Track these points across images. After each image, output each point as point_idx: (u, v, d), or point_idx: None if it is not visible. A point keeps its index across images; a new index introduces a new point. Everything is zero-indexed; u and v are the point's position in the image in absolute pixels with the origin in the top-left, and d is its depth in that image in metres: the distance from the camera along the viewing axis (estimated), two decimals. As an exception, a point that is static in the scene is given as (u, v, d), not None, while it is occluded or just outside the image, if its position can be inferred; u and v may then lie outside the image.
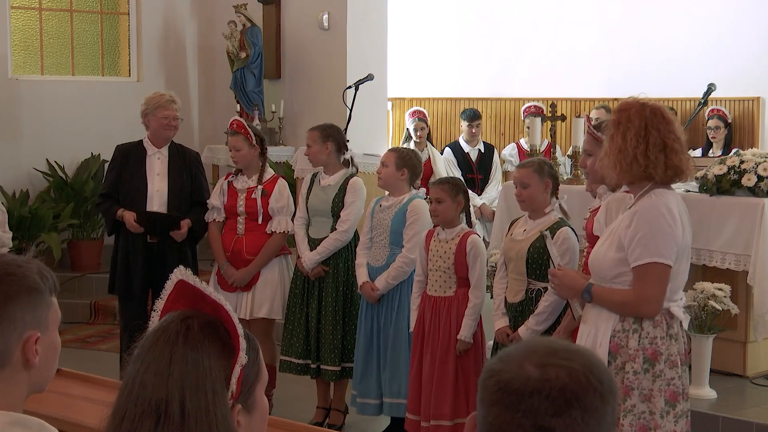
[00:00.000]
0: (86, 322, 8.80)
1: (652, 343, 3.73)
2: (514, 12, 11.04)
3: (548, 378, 1.52)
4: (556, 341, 1.61)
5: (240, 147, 6.13)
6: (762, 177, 6.06)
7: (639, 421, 3.72)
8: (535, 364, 1.54)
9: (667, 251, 3.68)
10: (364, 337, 5.81)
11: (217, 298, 1.80)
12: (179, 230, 6.30)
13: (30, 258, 2.05)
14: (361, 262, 5.86)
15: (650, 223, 3.68)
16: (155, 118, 6.39)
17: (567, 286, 3.97)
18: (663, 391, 3.74)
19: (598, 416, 1.53)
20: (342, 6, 9.20)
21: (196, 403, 1.71)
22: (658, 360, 3.73)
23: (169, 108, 6.41)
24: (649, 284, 3.69)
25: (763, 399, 5.95)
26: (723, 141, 9.12)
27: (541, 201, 5.02)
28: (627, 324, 3.75)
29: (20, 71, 9.77)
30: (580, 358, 1.56)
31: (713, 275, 6.05)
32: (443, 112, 11.32)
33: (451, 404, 5.27)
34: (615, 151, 3.71)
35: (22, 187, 9.45)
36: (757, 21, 9.55)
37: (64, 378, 4.23)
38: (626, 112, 3.74)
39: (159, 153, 6.44)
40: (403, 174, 5.76)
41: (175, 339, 1.75)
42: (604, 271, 3.79)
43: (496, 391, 1.54)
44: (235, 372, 1.76)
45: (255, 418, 1.82)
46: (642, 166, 3.68)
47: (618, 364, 3.75)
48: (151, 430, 1.70)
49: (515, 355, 1.57)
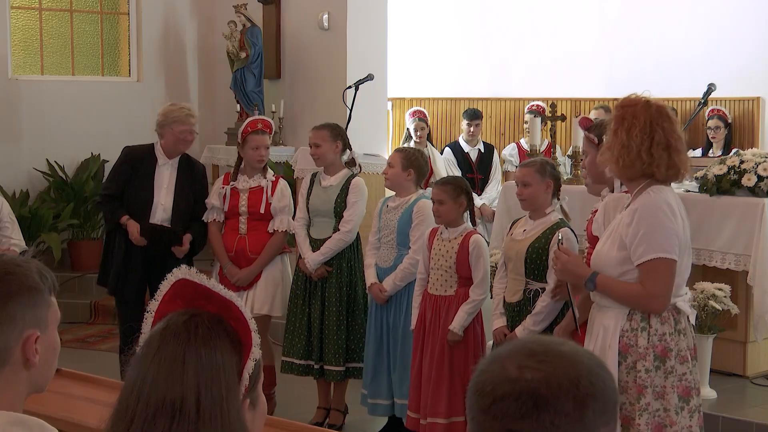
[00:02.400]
0: (86, 322, 8.81)
1: (661, 339, 3.72)
2: (514, 12, 11.04)
3: (520, 380, 1.48)
4: (550, 342, 1.56)
5: (269, 146, 6.21)
6: (762, 177, 6.06)
7: (654, 419, 3.70)
8: (516, 366, 1.50)
9: (671, 246, 3.68)
10: (374, 337, 5.81)
11: (227, 295, 1.81)
12: (181, 246, 6.26)
13: (29, 258, 2.06)
14: (370, 263, 5.86)
15: (651, 220, 3.68)
16: (172, 131, 6.27)
17: (570, 270, 3.92)
18: (675, 387, 3.73)
19: (571, 421, 1.47)
20: (342, 6, 9.20)
21: (211, 400, 1.72)
22: (669, 356, 3.72)
23: (187, 123, 6.32)
24: (656, 280, 3.68)
25: (763, 399, 5.96)
26: (723, 141, 9.12)
27: (542, 201, 5.02)
28: (635, 322, 3.74)
29: (20, 71, 9.77)
30: (564, 360, 1.50)
31: (713, 275, 6.05)
32: (443, 112, 11.32)
33: (447, 402, 5.27)
34: (618, 146, 3.70)
35: (22, 187, 9.46)
36: (757, 21, 9.55)
37: (64, 378, 4.23)
38: (631, 108, 3.73)
39: (169, 164, 6.35)
40: (409, 174, 5.77)
41: (186, 337, 1.76)
42: (606, 270, 3.78)
43: (474, 394, 1.52)
44: (248, 367, 1.78)
45: (258, 414, 1.85)
46: (645, 163, 3.68)
47: (629, 363, 3.74)
48: (166, 429, 1.70)
49: (500, 356, 1.54)
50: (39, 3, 9.89)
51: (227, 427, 1.73)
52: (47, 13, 9.96)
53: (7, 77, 9.51)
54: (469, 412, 1.54)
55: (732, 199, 6.14)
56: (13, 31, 9.69)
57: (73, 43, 10.08)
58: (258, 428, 1.84)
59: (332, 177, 6.10)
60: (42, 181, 9.61)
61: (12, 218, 6.07)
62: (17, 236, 6.03)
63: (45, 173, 9.58)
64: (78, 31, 10.12)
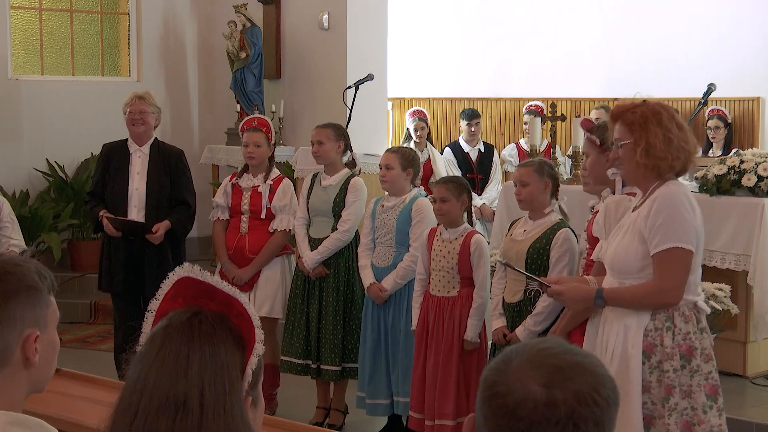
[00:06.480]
0: (86, 322, 8.81)
1: (685, 338, 3.70)
2: (514, 12, 11.03)
3: (555, 403, 1.52)
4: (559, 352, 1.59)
5: (260, 143, 6.18)
6: (762, 177, 6.06)
7: (683, 418, 3.68)
8: (541, 384, 1.53)
9: (688, 237, 3.64)
10: (372, 338, 5.80)
11: (231, 291, 1.82)
12: (154, 234, 6.30)
13: (28, 257, 2.06)
14: (365, 264, 5.86)
15: (670, 209, 3.65)
16: (125, 115, 6.46)
17: (575, 299, 3.90)
18: (702, 386, 3.70)
19: (603, 427, 1.54)
20: (342, 6, 9.20)
21: (215, 396, 1.73)
22: (694, 355, 3.70)
23: (134, 103, 6.43)
24: (671, 271, 3.64)
25: (763, 399, 5.96)
26: (723, 141, 9.11)
27: (541, 201, 5.02)
28: (659, 322, 3.71)
29: (20, 71, 9.77)
30: (586, 376, 1.55)
31: (713, 275, 6.05)
32: (443, 112, 11.32)
33: (454, 404, 5.28)
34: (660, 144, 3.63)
35: (22, 187, 9.46)
36: (756, 21, 9.54)
37: (64, 378, 4.23)
38: (641, 107, 3.71)
39: (140, 151, 6.45)
40: (408, 174, 5.78)
41: (190, 334, 1.76)
42: (628, 265, 3.73)
43: (503, 415, 1.54)
44: (251, 363, 1.79)
45: (258, 412, 1.86)
46: (687, 152, 3.67)
47: (653, 363, 3.71)
48: (169, 424, 1.71)
49: (518, 371, 1.56)
50: (39, 3, 9.89)
51: (230, 424, 1.73)
52: (47, 13, 9.96)
53: (7, 77, 9.51)
54: (486, 422, 1.56)
55: (732, 199, 6.15)
56: (13, 31, 9.69)
57: (73, 43, 10.08)
58: (258, 428, 1.84)
59: (332, 177, 6.11)
60: (42, 181, 9.62)
61: (12, 218, 6.08)
62: (17, 236, 6.04)
63: (45, 173, 9.58)
64: (78, 31, 10.12)
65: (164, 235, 6.31)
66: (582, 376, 1.55)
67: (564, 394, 1.52)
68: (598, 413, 1.53)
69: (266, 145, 6.20)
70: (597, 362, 1.60)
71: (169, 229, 6.33)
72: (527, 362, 1.57)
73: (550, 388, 1.53)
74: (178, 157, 6.55)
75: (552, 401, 1.52)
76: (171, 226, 6.33)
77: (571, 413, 1.52)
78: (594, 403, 1.53)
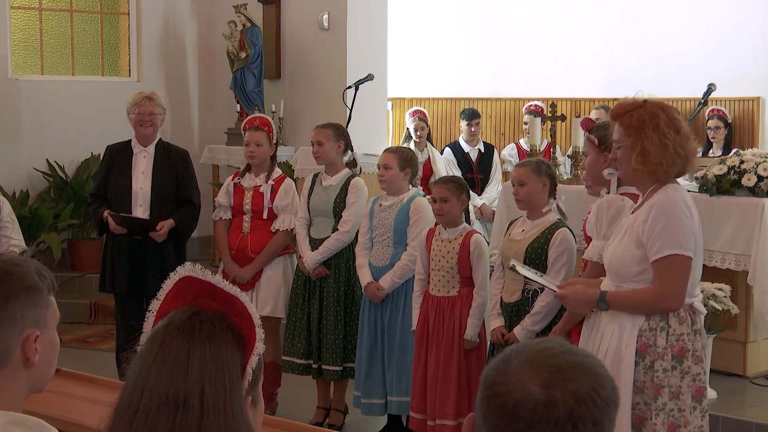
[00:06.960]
0: (86, 322, 8.81)
1: (679, 339, 3.71)
2: (513, 12, 11.03)
3: (554, 403, 1.52)
4: (559, 352, 1.59)
5: (262, 143, 6.18)
6: (762, 177, 6.06)
7: (669, 419, 3.69)
8: (540, 384, 1.53)
9: (687, 243, 3.66)
10: (368, 337, 5.81)
11: (231, 290, 1.82)
12: (157, 232, 6.30)
13: (27, 257, 2.06)
14: (362, 263, 5.86)
15: (669, 215, 3.66)
16: (133, 116, 6.44)
17: (579, 302, 3.91)
18: (690, 387, 3.72)
19: (602, 428, 1.55)
20: (342, 6, 9.20)
21: (215, 394, 1.73)
22: (686, 356, 3.72)
23: (143, 104, 6.43)
24: (671, 277, 3.66)
25: (763, 399, 5.96)
26: (723, 141, 9.11)
27: (539, 200, 5.02)
28: (654, 322, 3.72)
29: (20, 71, 9.77)
30: (585, 377, 1.55)
31: (713, 275, 6.05)
32: (443, 112, 11.32)
33: (455, 404, 5.29)
34: (656, 148, 3.64)
35: (22, 187, 9.46)
36: (756, 21, 9.54)
37: (64, 378, 4.23)
38: (640, 109, 3.71)
39: (145, 151, 6.47)
40: (406, 174, 5.79)
41: (190, 333, 1.76)
42: (625, 269, 3.75)
43: (503, 415, 1.54)
44: (251, 362, 1.79)
45: (258, 411, 1.86)
46: (682, 157, 3.67)
47: (647, 363, 3.72)
48: (169, 423, 1.71)
49: (518, 371, 1.56)
50: (39, 3, 9.89)
51: (230, 422, 1.73)
52: (47, 13, 9.96)
53: (7, 77, 9.52)
54: (485, 422, 1.56)
55: (732, 199, 6.14)
56: (13, 31, 9.69)
57: (73, 43, 10.08)
58: (258, 427, 1.84)
59: (332, 177, 6.11)
60: (42, 181, 9.62)
61: (12, 218, 6.08)
62: (17, 236, 6.05)
63: (45, 173, 9.58)
64: (78, 31, 10.12)
65: (167, 235, 6.32)
66: (581, 376, 1.55)
67: (563, 395, 1.52)
68: (597, 414, 1.53)
69: (267, 144, 6.20)
70: (597, 362, 1.60)
71: (172, 228, 6.34)
72: (527, 362, 1.57)
73: (549, 388, 1.53)
74: (184, 158, 6.57)
75: (551, 401, 1.52)
76: (175, 224, 6.34)
77: (570, 413, 1.52)
78: (593, 404, 1.53)
